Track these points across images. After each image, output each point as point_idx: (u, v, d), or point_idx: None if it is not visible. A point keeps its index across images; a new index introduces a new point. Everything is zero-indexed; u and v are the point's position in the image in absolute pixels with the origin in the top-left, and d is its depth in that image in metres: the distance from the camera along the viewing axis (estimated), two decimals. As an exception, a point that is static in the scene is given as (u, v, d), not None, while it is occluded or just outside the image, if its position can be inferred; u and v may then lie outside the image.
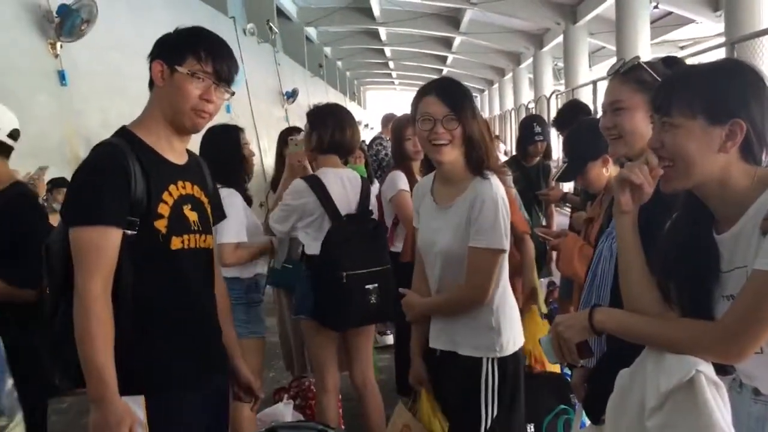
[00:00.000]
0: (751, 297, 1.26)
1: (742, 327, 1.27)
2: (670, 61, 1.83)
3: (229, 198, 2.91)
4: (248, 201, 3.22)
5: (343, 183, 3.01)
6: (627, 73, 1.77)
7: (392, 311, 2.88)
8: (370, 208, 3.09)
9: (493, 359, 2.22)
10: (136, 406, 1.71)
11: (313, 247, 2.95)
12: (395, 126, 3.66)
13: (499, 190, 2.20)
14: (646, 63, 1.79)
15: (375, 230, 3.03)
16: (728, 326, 1.29)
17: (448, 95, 2.20)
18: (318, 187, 2.93)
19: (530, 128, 4.65)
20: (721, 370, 1.36)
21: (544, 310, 3.55)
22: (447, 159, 2.21)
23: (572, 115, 3.93)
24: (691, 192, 1.41)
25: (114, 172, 1.69)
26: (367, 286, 2.87)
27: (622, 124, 1.76)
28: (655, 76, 1.72)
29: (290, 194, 3.00)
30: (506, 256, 2.25)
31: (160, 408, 1.75)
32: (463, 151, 2.21)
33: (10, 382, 0.77)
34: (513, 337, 2.27)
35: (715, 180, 1.35)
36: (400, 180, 3.39)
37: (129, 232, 1.70)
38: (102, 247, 1.67)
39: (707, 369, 1.29)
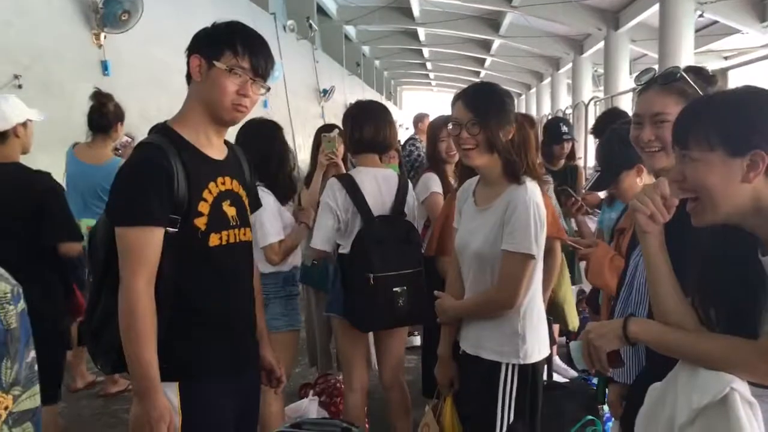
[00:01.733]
0: None
1: None
2: (696, 71, 1.79)
3: (263, 200, 2.94)
4: (285, 197, 3.23)
5: (378, 182, 2.99)
6: (668, 84, 1.74)
7: (423, 314, 2.88)
8: (407, 209, 3.06)
9: (513, 365, 2.22)
10: (171, 392, 1.77)
11: (345, 247, 2.96)
12: (431, 127, 3.66)
13: (534, 195, 2.20)
14: (690, 73, 1.76)
15: (408, 233, 3.00)
16: (764, 346, 1.26)
17: (474, 102, 2.24)
18: (350, 186, 2.93)
19: (557, 128, 4.62)
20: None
21: (576, 323, 3.50)
22: (475, 163, 2.25)
23: (610, 122, 3.88)
24: None
25: (158, 173, 1.73)
26: (395, 289, 2.86)
27: (665, 136, 1.73)
28: (696, 88, 1.70)
29: (325, 193, 3.01)
30: (538, 263, 2.23)
31: (194, 396, 1.80)
32: (496, 155, 2.23)
33: (32, 353, 0.81)
34: (538, 345, 2.27)
35: (749, 209, 1.31)
36: (434, 182, 3.39)
37: (170, 229, 1.75)
38: (147, 245, 1.72)
39: (742, 387, 1.26)
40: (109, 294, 1.77)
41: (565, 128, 4.58)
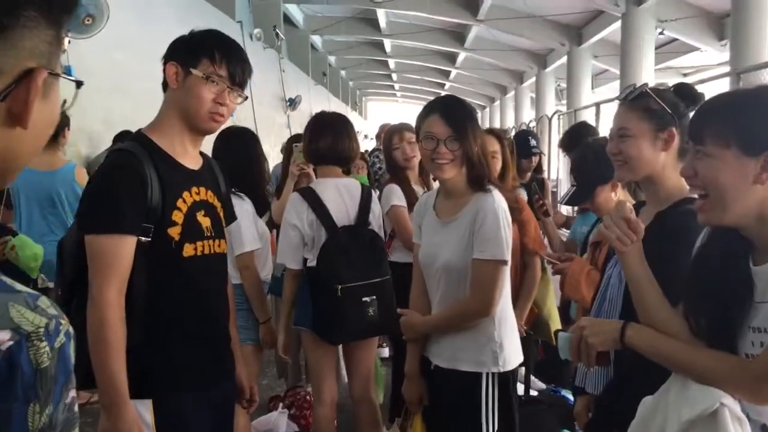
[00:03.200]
0: None
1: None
2: (680, 89, 1.83)
3: (240, 207, 2.89)
4: (265, 206, 3.19)
5: (340, 193, 2.96)
6: (635, 101, 1.79)
7: (393, 324, 2.86)
8: (371, 217, 3.03)
9: (493, 374, 2.22)
10: (144, 410, 1.72)
11: (311, 259, 2.91)
12: (384, 138, 3.67)
13: (501, 203, 2.22)
14: (655, 90, 1.80)
15: (372, 241, 2.97)
16: (762, 368, 1.27)
17: (452, 116, 2.23)
18: (312, 199, 2.89)
19: (526, 141, 4.65)
20: None
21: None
22: (448, 175, 2.24)
23: (579, 136, 3.92)
24: None
25: (131, 180, 1.69)
26: (364, 299, 2.82)
27: (627, 150, 1.79)
28: (662, 104, 1.74)
29: (287, 210, 2.97)
30: (507, 268, 2.25)
31: (168, 412, 1.76)
32: (464, 167, 2.24)
33: (71, 394, 0.74)
34: (513, 352, 2.28)
35: (754, 213, 1.32)
36: (393, 194, 3.38)
37: (143, 238, 1.70)
38: (118, 255, 1.67)
39: (732, 403, 1.27)
40: (78, 308, 1.71)
41: (533, 142, 4.62)
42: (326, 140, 2.97)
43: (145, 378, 1.72)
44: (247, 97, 1.91)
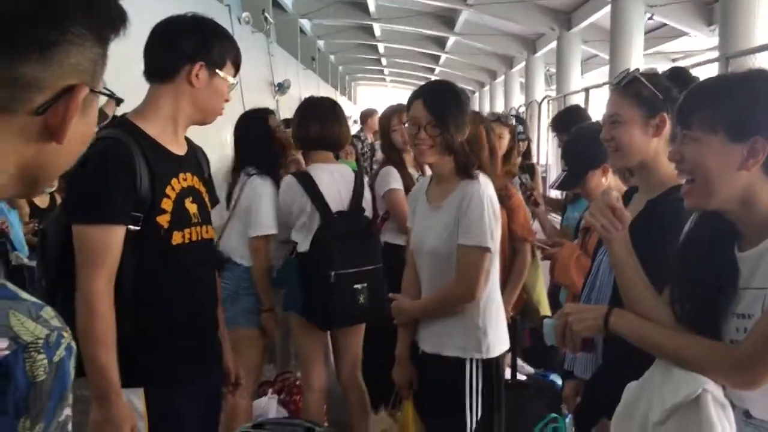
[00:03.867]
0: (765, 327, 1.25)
1: (760, 357, 1.26)
2: (675, 74, 1.83)
3: (262, 188, 2.96)
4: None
5: (334, 179, 2.95)
6: (626, 86, 1.79)
7: (382, 311, 2.87)
8: (364, 204, 3.04)
9: (478, 360, 2.23)
10: (136, 398, 1.72)
11: (303, 245, 2.91)
12: (381, 118, 3.66)
13: (487, 189, 2.22)
14: (648, 75, 1.79)
15: (367, 228, 2.99)
16: (745, 355, 1.28)
17: (435, 103, 2.24)
18: (308, 183, 2.88)
19: None
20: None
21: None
22: (429, 160, 2.29)
23: (572, 119, 3.92)
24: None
25: (121, 169, 1.67)
26: (355, 286, 2.83)
27: (619, 137, 1.79)
28: (653, 89, 1.73)
29: (282, 192, 2.96)
30: (495, 256, 2.25)
31: (159, 400, 1.75)
32: (451, 154, 2.25)
33: (65, 412, 0.70)
34: (498, 339, 2.29)
35: (738, 199, 1.33)
36: (391, 177, 3.36)
37: (132, 227, 1.69)
38: (107, 245, 1.66)
39: (715, 389, 1.29)
40: (65, 299, 1.69)
41: (520, 128, 4.62)
42: (315, 126, 2.96)
43: (136, 368, 1.72)
44: (237, 83, 1.91)
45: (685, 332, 1.41)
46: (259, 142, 3.07)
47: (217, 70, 1.79)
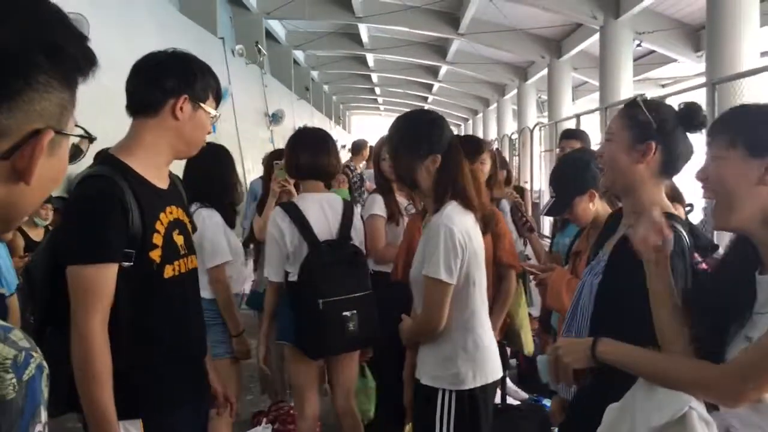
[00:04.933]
0: (764, 346, 1.28)
1: (753, 373, 1.28)
2: (687, 109, 1.77)
3: (210, 219, 2.98)
4: (233, 218, 3.21)
5: (322, 208, 2.99)
6: (627, 108, 1.82)
7: (374, 338, 2.88)
8: (353, 232, 3.07)
9: (450, 392, 2.21)
10: (134, 429, 1.73)
11: (293, 274, 2.94)
12: (375, 148, 3.73)
13: (448, 219, 2.18)
14: (650, 101, 1.81)
15: (354, 256, 3.00)
16: (738, 370, 1.31)
17: (390, 134, 2.34)
18: (294, 213, 2.92)
19: None
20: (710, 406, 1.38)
21: (531, 348, 3.54)
22: (402, 190, 2.31)
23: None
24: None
25: (113, 207, 1.69)
26: (344, 313, 2.84)
27: (607, 154, 1.83)
28: (648, 116, 1.75)
29: (269, 224, 3.01)
30: (468, 288, 2.22)
31: (158, 429, 1.77)
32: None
33: (37, 428, 0.72)
34: (475, 371, 2.24)
35: (760, 218, 1.36)
36: (375, 204, 3.45)
37: (125, 263, 1.71)
38: (101, 284, 1.67)
39: (699, 407, 1.31)
40: (55, 336, 1.71)
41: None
42: (305, 156, 3.01)
43: (134, 399, 1.73)
44: (219, 115, 1.96)
45: (673, 356, 1.43)
46: (206, 173, 3.09)
47: (200, 103, 1.82)
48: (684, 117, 1.75)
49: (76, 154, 0.97)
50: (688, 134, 1.77)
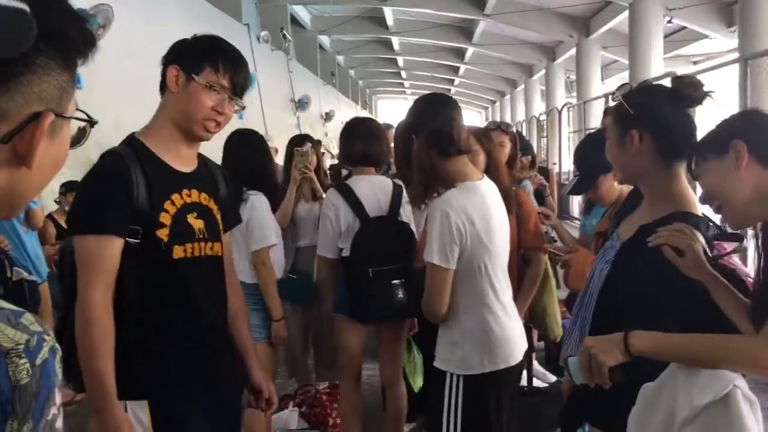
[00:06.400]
0: None
1: None
2: (676, 83, 1.77)
3: (259, 202, 3.10)
4: (273, 206, 3.30)
5: (373, 188, 3.14)
6: (615, 105, 1.83)
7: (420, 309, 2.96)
8: (402, 210, 3.19)
9: (458, 376, 2.19)
10: (140, 411, 1.74)
11: (346, 249, 3.09)
12: (394, 135, 3.71)
13: (447, 203, 2.14)
14: (635, 90, 1.80)
15: (402, 230, 3.14)
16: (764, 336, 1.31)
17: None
18: (347, 193, 3.09)
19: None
20: None
21: (559, 333, 3.51)
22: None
23: None
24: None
25: (116, 182, 1.71)
26: (393, 281, 2.99)
27: (607, 151, 1.84)
28: (626, 106, 1.73)
29: (324, 204, 3.17)
30: (469, 273, 2.18)
31: (164, 413, 1.77)
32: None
33: (52, 411, 0.70)
34: (483, 357, 2.20)
35: (756, 199, 1.46)
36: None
37: (132, 240, 1.72)
38: (103, 255, 1.69)
39: (743, 384, 1.32)
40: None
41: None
42: (360, 145, 3.17)
43: (139, 379, 1.73)
44: (244, 107, 1.92)
45: (704, 335, 1.42)
46: (248, 162, 3.15)
47: (193, 75, 1.77)
48: (674, 94, 1.72)
49: (78, 138, 0.96)
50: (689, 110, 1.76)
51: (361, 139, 3.18)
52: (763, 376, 1.41)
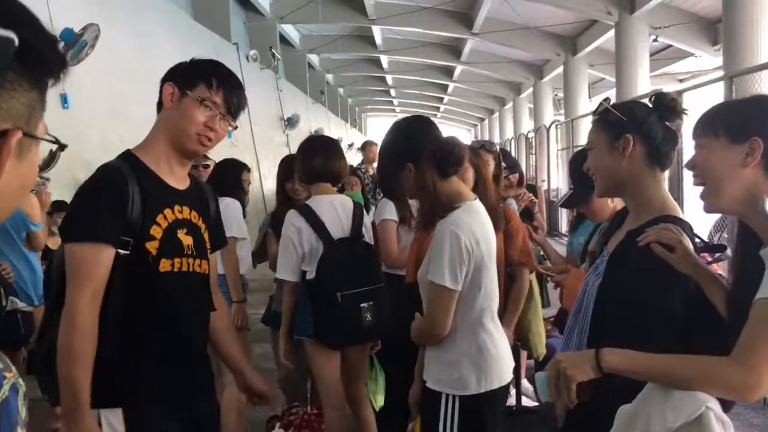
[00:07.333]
0: (754, 326, 1.28)
1: (754, 358, 1.27)
2: (658, 99, 1.81)
3: (232, 203, 3.51)
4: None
5: (335, 208, 3.11)
6: (599, 116, 1.83)
7: (387, 329, 3.01)
8: (364, 231, 3.19)
9: (454, 396, 2.17)
10: (114, 418, 1.74)
11: (311, 272, 3.04)
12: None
13: (456, 225, 2.13)
14: (619, 104, 1.85)
15: (366, 251, 3.15)
16: (738, 359, 1.28)
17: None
18: (309, 215, 3.05)
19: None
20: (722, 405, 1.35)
21: (542, 351, 3.49)
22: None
23: None
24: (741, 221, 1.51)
25: (112, 192, 1.74)
26: (362, 305, 2.97)
27: (591, 162, 1.85)
28: (618, 114, 1.76)
29: (285, 226, 3.11)
30: (471, 294, 2.16)
31: (138, 424, 1.77)
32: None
33: (21, 416, 0.71)
34: (480, 376, 2.18)
35: (745, 198, 1.44)
36: (386, 208, 3.46)
37: (122, 251, 1.74)
38: (92, 263, 1.71)
39: (715, 406, 1.29)
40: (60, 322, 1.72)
41: (502, 163, 4.56)
42: (319, 159, 3.15)
43: (116, 388, 1.74)
44: (237, 127, 1.96)
45: (678, 356, 1.40)
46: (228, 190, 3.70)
47: (186, 91, 1.83)
48: (657, 106, 1.77)
49: (48, 162, 0.94)
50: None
51: (321, 154, 3.15)
52: (735, 399, 1.36)
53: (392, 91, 32.90)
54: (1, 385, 0.67)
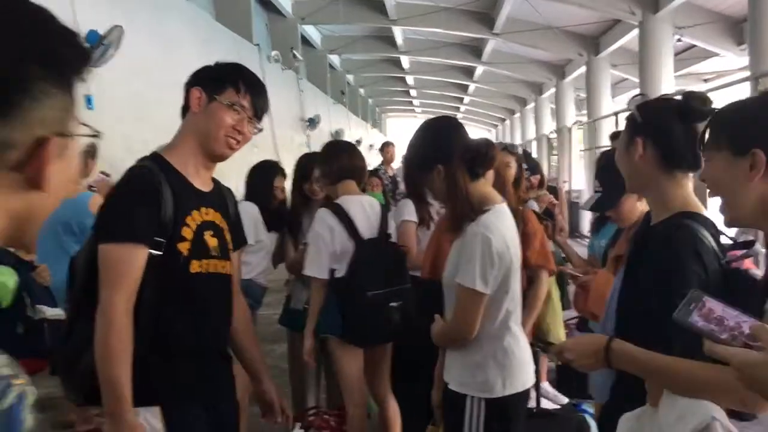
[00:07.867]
0: None
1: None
2: (685, 99, 1.78)
3: (249, 208, 3.44)
4: (274, 221, 3.68)
5: (364, 209, 3.16)
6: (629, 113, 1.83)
7: (415, 329, 2.97)
8: (389, 231, 3.24)
9: (479, 399, 2.16)
10: (152, 417, 1.77)
11: (340, 270, 3.08)
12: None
13: (487, 228, 2.12)
14: (648, 102, 1.83)
15: (395, 252, 3.20)
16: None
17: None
18: (341, 213, 3.09)
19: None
20: (735, 415, 1.33)
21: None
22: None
23: None
24: None
25: (147, 193, 1.78)
26: (391, 304, 3.02)
27: (616, 158, 1.86)
28: (636, 114, 1.76)
29: (317, 223, 3.13)
30: (499, 297, 2.16)
31: (176, 420, 1.80)
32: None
33: (26, 425, 0.70)
34: (505, 379, 2.18)
35: (759, 210, 1.35)
36: (406, 209, 3.51)
37: (154, 252, 1.77)
38: (129, 263, 1.74)
39: (722, 417, 1.27)
40: (87, 319, 1.76)
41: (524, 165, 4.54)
42: (344, 157, 3.25)
43: (151, 386, 1.77)
44: (262, 129, 2.00)
45: (686, 360, 1.37)
46: (259, 194, 3.75)
47: (215, 95, 1.87)
48: (680, 108, 1.73)
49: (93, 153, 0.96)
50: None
51: (345, 153, 3.26)
52: (739, 409, 1.32)
53: (413, 92, 32.86)
54: (7, 392, 0.66)
